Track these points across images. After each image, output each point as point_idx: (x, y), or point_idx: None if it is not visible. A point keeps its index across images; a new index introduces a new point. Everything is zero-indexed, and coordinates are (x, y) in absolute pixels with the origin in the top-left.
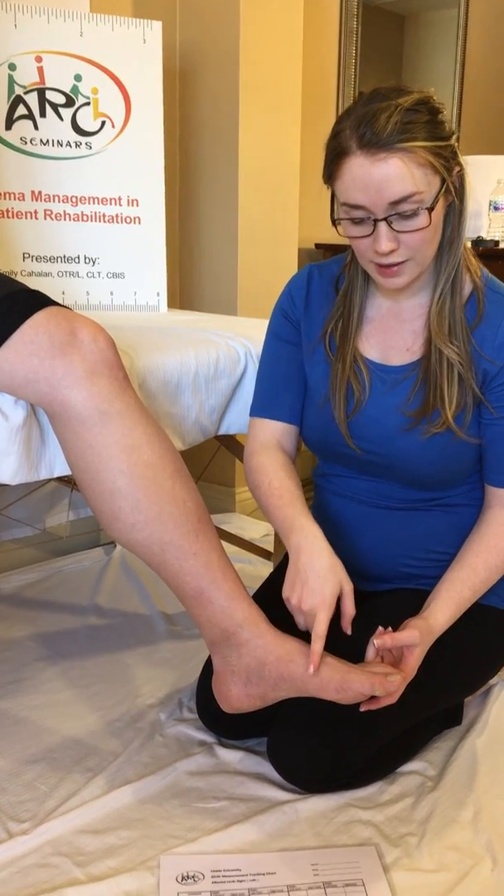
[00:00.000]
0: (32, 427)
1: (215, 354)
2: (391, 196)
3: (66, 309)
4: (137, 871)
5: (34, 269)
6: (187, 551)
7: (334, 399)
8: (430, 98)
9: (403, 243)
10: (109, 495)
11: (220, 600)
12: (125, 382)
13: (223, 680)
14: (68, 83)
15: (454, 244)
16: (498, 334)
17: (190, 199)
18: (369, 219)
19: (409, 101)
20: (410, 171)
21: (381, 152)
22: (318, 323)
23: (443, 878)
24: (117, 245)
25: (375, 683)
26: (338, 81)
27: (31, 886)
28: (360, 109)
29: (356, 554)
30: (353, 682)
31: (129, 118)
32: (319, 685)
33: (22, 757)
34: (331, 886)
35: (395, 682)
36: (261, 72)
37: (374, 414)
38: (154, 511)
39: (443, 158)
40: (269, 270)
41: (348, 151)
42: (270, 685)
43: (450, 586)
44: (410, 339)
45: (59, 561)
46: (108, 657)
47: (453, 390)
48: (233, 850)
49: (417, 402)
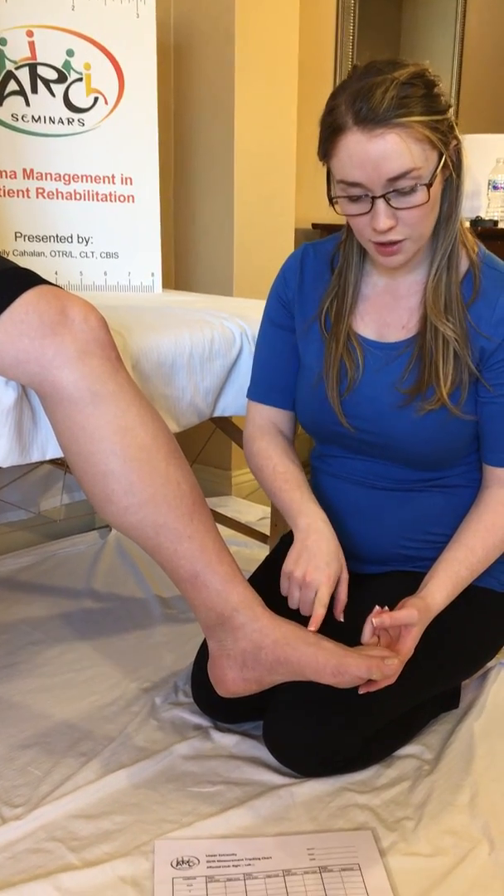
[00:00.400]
0: (24, 408)
1: (210, 335)
2: (389, 172)
3: (57, 288)
4: (132, 855)
5: (26, 249)
6: (182, 534)
7: (328, 377)
8: (425, 71)
9: (402, 220)
10: (102, 478)
11: (215, 584)
12: (118, 363)
13: (219, 664)
14: (60, 58)
15: (451, 219)
16: (496, 311)
17: (185, 178)
18: (367, 196)
19: (404, 74)
20: (408, 146)
21: (377, 128)
22: (312, 302)
23: (440, 863)
24: (111, 224)
25: (372, 667)
26: (335, 59)
27: (25, 872)
28: (355, 84)
29: (353, 536)
30: (349, 666)
31: (122, 94)
32: (316, 669)
33: (16, 741)
34: (327, 871)
35: (392, 665)
36: (257, 48)
37: (368, 392)
38: (148, 493)
39: (440, 133)
40: (266, 250)
41: (344, 128)
42: (267, 669)
43: (447, 566)
44: (406, 316)
45: (54, 544)
46: (103, 641)
47: (448, 367)
48: (228, 834)
49: (412, 379)
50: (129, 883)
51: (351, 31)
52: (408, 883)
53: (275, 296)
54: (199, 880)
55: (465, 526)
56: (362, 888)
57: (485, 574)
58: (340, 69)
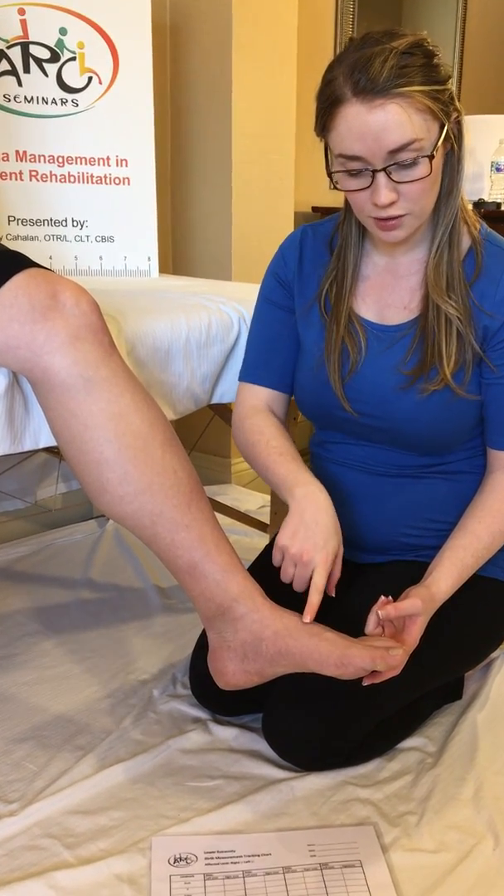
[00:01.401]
0: (15, 396)
1: (207, 320)
2: (390, 144)
3: (48, 271)
4: (129, 852)
5: (20, 233)
6: (179, 523)
7: (329, 361)
8: (424, 40)
9: (403, 195)
10: (96, 466)
11: (214, 574)
12: (111, 348)
13: (219, 656)
14: (53, 37)
15: (452, 194)
16: (499, 289)
17: (182, 160)
18: (367, 170)
19: (403, 44)
20: (409, 116)
21: (377, 98)
22: (312, 284)
23: (443, 859)
24: (106, 207)
25: (377, 658)
26: (334, 39)
27: (19, 869)
28: (353, 55)
29: (354, 524)
30: (353, 657)
31: (116, 74)
32: (319, 660)
33: (10, 735)
34: (328, 868)
35: (397, 656)
36: (255, 27)
37: (371, 375)
38: (144, 482)
39: (441, 103)
40: (265, 234)
41: (342, 99)
42: (268, 661)
43: (452, 554)
44: (408, 297)
45: (51, 534)
46: (100, 632)
47: (452, 347)
48: (227, 830)
49: (415, 360)
50: (126, 881)
51: (351, 10)
52: (411, 879)
53: (272, 275)
54: (196, 878)
55: (469, 512)
56: (364, 885)
57: (489, 563)
58: (340, 48)
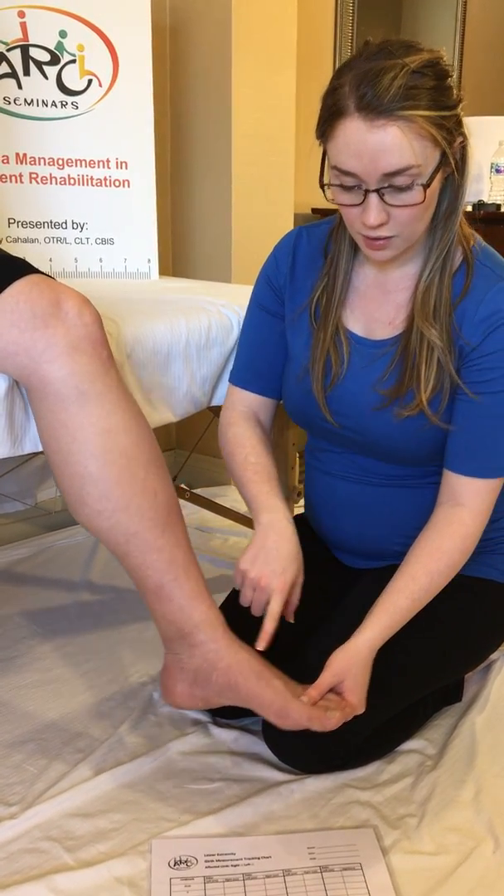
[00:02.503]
0: (15, 399)
1: (206, 322)
2: (386, 167)
3: (50, 278)
4: (129, 855)
5: (20, 236)
6: (152, 545)
7: (313, 370)
8: (439, 60)
9: (394, 217)
10: (79, 479)
11: (179, 599)
12: (109, 361)
13: (171, 674)
14: (53, 39)
15: (450, 219)
16: (479, 310)
17: (181, 162)
18: (359, 188)
19: (416, 61)
20: (409, 142)
21: (379, 118)
22: (303, 290)
23: (443, 861)
24: (106, 209)
25: (313, 718)
26: (334, 40)
27: (19, 873)
28: (364, 65)
29: (346, 532)
30: (292, 712)
31: (116, 76)
32: (261, 704)
33: (10, 738)
34: (328, 871)
35: (332, 720)
36: (254, 29)
37: (351, 389)
38: (123, 501)
39: (445, 130)
40: (264, 236)
41: (345, 112)
42: (216, 691)
43: (386, 597)
44: (394, 312)
45: (51, 536)
46: (100, 634)
47: (431, 372)
48: (227, 833)
49: (392, 380)
50: (126, 884)
51: (351, 10)
52: (411, 882)
53: (265, 279)
54: (197, 881)
55: (411, 551)
56: (364, 888)
57: (485, 564)
58: (340, 50)
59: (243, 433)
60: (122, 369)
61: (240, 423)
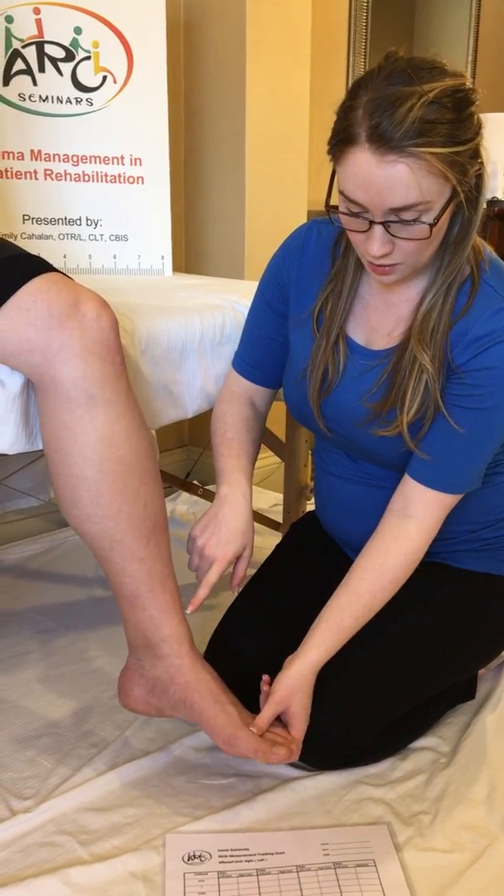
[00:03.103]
0: (31, 396)
1: (221, 319)
2: (393, 203)
3: (69, 278)
4: (142, 850)
5: (34, 232)
6: (134, 555)
7: (311, 376)
8: (461, 87)
9: (398, 248)
10: (74, 481)
11: (152, 610)
12: (121, 368)
13: (130, 677)
14: (68, 36)
15: (461, 245)
16: (472, 330)
17: (195, 159)
18: (366, 216)
19: (436, 90)
20: (417, 180)
21: (390, 153)
22: (308, 295)
23: (457, 859)
24: (120, 206)
25: (259, 751)
26: (348, 36)
27: (34, 866)
28: (382, 88)
29: (351, 531)
30: (239, 741)
31: (131, 73)
32: (212, 728)
33: (25, 732)
34: (341, 867)
35: (277, 756)
36: (268, 25)
37: (343, 397)
38: (113, 508)
39: (458, 165)
40: (278, 233)
41: (356, 140)
42: (171, 704)
43: (329, 615)
44: (393, 324)
45: (64, 532)
46: (113, 629)
47: (416, 395)
48: (240, 828)
49: (378, 395)
50: (140, 878)
51: (365, 8)
52: (424, 879)
53: (271, 275)
54: (210, 875)
55: (355, 564)
56: (378, 884)
57: (495, 560)
58: (354, 48)
59: (229, 410)
60: (136, 366)
61: (230, 401)
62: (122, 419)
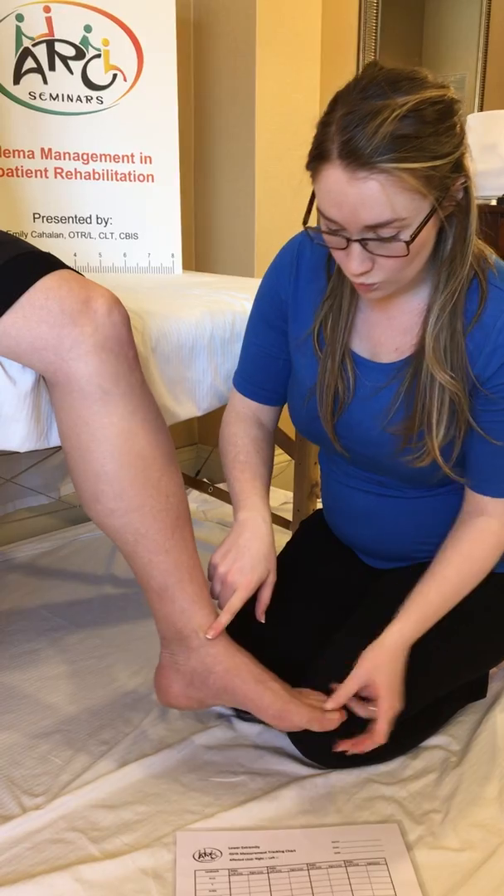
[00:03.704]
0: (42, 393)
1: (231, 317)
2: (366, 220)
3: (80, 275)
4: (153, 847)
5: (45, 230)
6: (160, 547)
7: (321, 398)
8: (440, 98)
9: (378, 265)
10: (94, 476)
11: (181, 601)
12: (134, 362)
13: (166, 675)
14: (78, 34)
15: (458, 261)
16: (488, 340)
17: (205, 156)
18: (343, 235)
19: (411, 102)
20: (389, 197)
21: (360, 170)
22: (306, 313)
23: (468, 857)
24: (130, 204)
25: (313, 719)
26: (358, 33)
27: (45, 863)
28: (355, 102)
29: (366, 538)
30: (291, 713)
31: (141, 71)
32: (259, 707)
33: (35, 729)
34: (352, 865)
35: (332, 721)
36: (278, 22)
37: (358, 416)
38: (136, 502)
39: (436, 181)
40: (288, 230)
41: (328, 157)
42: (212, 693)
43: (416, 594)
44: (398, 337)
45: (74, 529)
46: (123, 627)
47: (443, 416)
48: (251, 826)
49: (400, 417)
50: (151, 875)
51: (375, 4)
52: (436, 878)
53: (267, 292)
54: (221, 873)
55: (440, 556)
56: (389, 883)
57: None
58: (364, 45)
59: (237, 433)
60: (146, 363)
61: (236, 423)
62: (139, 412)
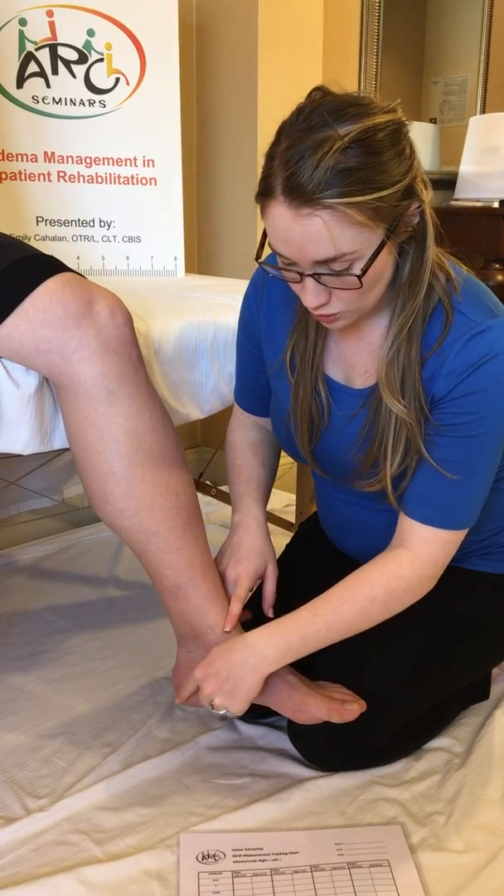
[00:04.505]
0: (45, 396)
1: (234, 319)
2: (315, 256)
3: (82, 277)
4: (157, 849)
5: (48, 234)
6: (172, 545)
7: (296, 425)
8: (384, 125)
9: (335, 297)
10: (103, 477)
11: (195, 598)
12: (139, 362)
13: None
14: (81, 38)
15: (414, 287)
16: (446, 362)
17: (208, 160)
18: (295, 270)
19: (353, 133)
20: (335, 233)
21: (303, 207)
22: (279, 340)
23: (471, 859)
24: (133, 207)
25: (332, 711)
26: (360, 36)
27: (49, 865)
28: (298, 134)
29: (356, 547)
30: (310, 706)
31: (143, 75)
32: (278, 700)
33: (40, 731)
34: (356, 867)
35: (352, 711)
36: (281, 25)
37: (333, 442)
38: (146, 501)
39: (384, 210)
40: None
41: (273, 193)
42: None
43: (296, 610)
44: (368, 360)
45: (77, 532)
46: (127, 629)
47: (398, 446)
48: (255, 828)
49: (364, 447)
50: (154, 877)
51: (377, 7)
52: (439, 880)
53: (241, 317)
54: (224, 875)
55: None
56: (392, 885)
57: None
58: (366, 48)
59: (236, 438)
60: (149, 366)
61: (238, 430)
62: (145, 411)
